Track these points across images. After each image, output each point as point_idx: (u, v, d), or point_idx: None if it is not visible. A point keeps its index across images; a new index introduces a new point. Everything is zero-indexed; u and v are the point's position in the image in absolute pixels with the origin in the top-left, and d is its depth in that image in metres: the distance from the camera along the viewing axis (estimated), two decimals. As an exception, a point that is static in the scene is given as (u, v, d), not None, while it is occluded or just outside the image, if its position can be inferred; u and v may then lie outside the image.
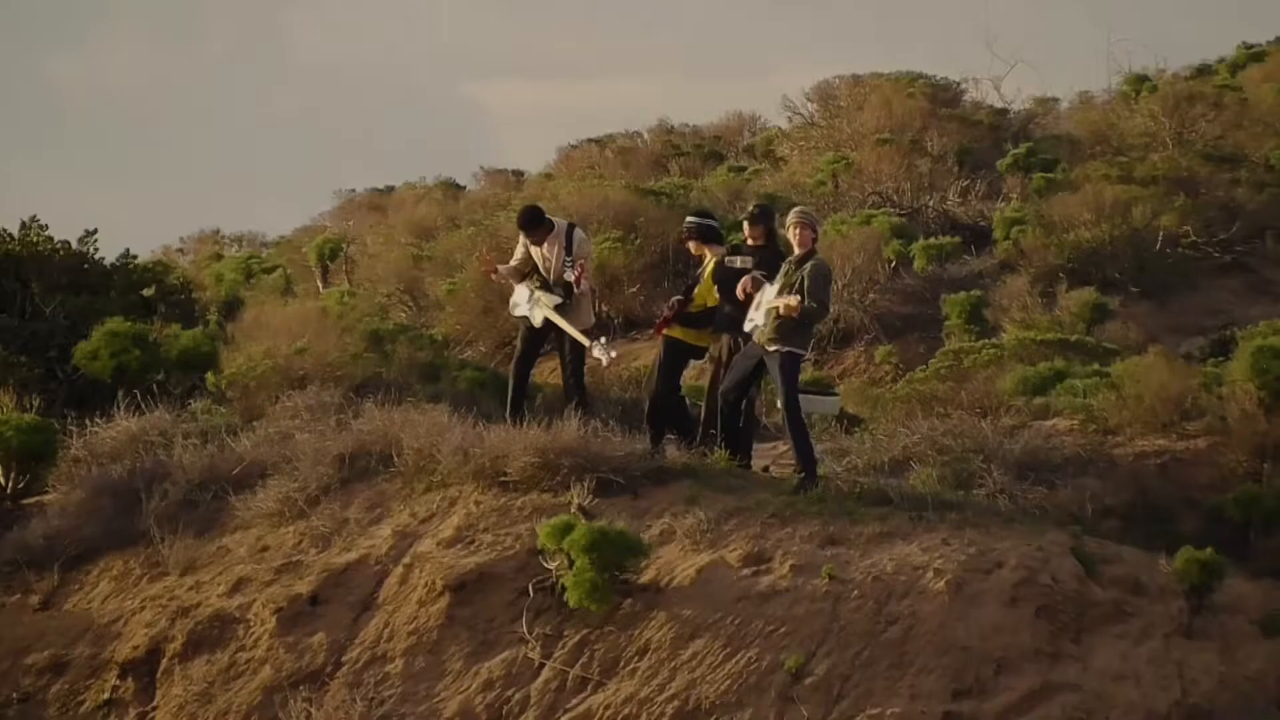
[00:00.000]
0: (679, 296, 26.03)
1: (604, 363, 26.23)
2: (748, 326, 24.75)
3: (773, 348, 24.41)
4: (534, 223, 26.83)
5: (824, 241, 34.32)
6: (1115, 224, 38.48)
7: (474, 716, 22.08)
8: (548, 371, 30.33)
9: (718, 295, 25.63)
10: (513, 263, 26.69)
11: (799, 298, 24.10)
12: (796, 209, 25.31)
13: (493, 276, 27.36)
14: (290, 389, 27.02)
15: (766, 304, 24.39)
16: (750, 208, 27.18)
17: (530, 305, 26.50)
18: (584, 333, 26.42)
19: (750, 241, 25.83)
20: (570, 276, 26.22)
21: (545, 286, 26.37)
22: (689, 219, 26.80)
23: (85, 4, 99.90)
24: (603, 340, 26.11)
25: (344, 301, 36.08)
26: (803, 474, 24.34)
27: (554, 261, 26.35)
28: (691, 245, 26.53)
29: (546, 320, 26.32)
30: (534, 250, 26.59)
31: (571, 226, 26.86)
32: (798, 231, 24.58)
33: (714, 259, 25.89)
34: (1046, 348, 31.43)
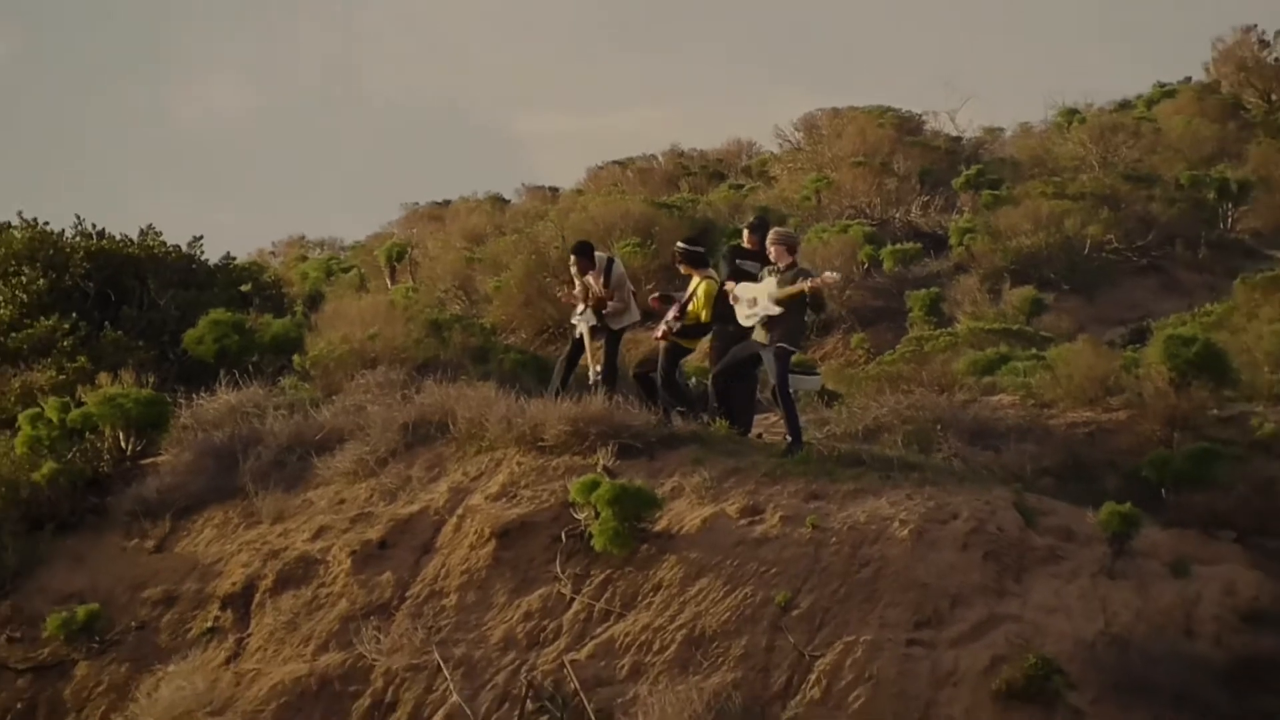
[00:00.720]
0: (675, 315, 26.07)
1: (590, 378, 26.60)
2: (747, 321, 24.82)
3: (768, 343, 24.56)
4: (581, 253, 27.12)
5: (808, 247, 34.37)
6: (1050, 233, 38.56)
7: (516, 643, 22.17)
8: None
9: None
10: (577, 289, 26.97)
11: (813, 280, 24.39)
12: (775, 230, 25.42)
13: (569, 299, 27.56)
14: (363, 369, 27.17)
15: (769, 294, 24.50)
16: (751, 219, 27.28)
17: (578, 319, 26.77)
18: (622, 330, 26.94)
19: (748, 245, 25.90)
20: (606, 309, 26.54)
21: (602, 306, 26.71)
22: (679, 245, 26.82)
23: (199, 52, 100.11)
24: (598, 367, 26.67)
25: (408, 296, 36.12)
26: (791, 440, 24.43)
27: (596, 290, 26.56)
28: (681, 267, 26.58)
29: (596, 326, 26.64)
30: (580, 278, 26.80)
31: (610, 261, 27.05)
32: (774, 249, 24.71)
33: (701, 280, 25.91)
34: (993, 335, 31.52)
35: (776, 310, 24.49)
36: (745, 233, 26.51)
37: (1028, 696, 21.05)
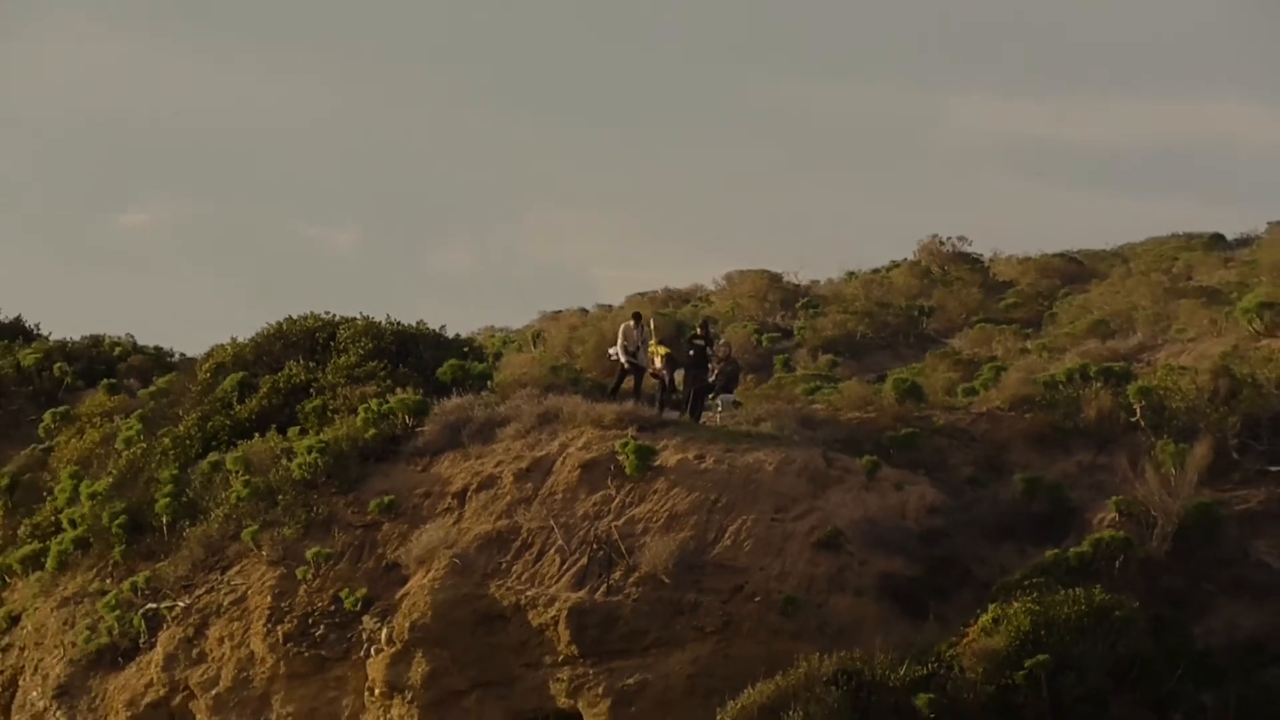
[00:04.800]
0: (652, 366, 26.10)
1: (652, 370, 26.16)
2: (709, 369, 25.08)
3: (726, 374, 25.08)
4: (638, 318, 27.19)
5: (729, 335, 34.17)
6: (840, 329, 38.16)
7: (589, 516, 22.06)
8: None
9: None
10: (621, 343, 26.59)
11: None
12: (723, 341, 26.05)
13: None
14: (520, 388, 26.78)
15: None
16: (700, 321, 27.27)
17: (623, 354, 26.35)
18: (643, 369, 26.36)
19: (699, 334, 25.87)
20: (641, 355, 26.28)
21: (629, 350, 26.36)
22: (700, 324, 27.00)
23: (449, 232, 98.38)
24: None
25: (541, 355, 35.95)
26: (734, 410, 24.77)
27: (638, 337, 26.21)
28: (656, 343, 26.41)
29: (630, 361, 26.30)
30: (630, 331, 26.40)
31: (643, 329, 26.82)
32: (718, 346, 25.23)
33: (658, 345, 26.14)
34: (813, 377, 31.30)
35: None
36: (699, 328, 26.51)
37: (826, 545, 21.01)
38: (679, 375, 26.10)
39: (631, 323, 26.96)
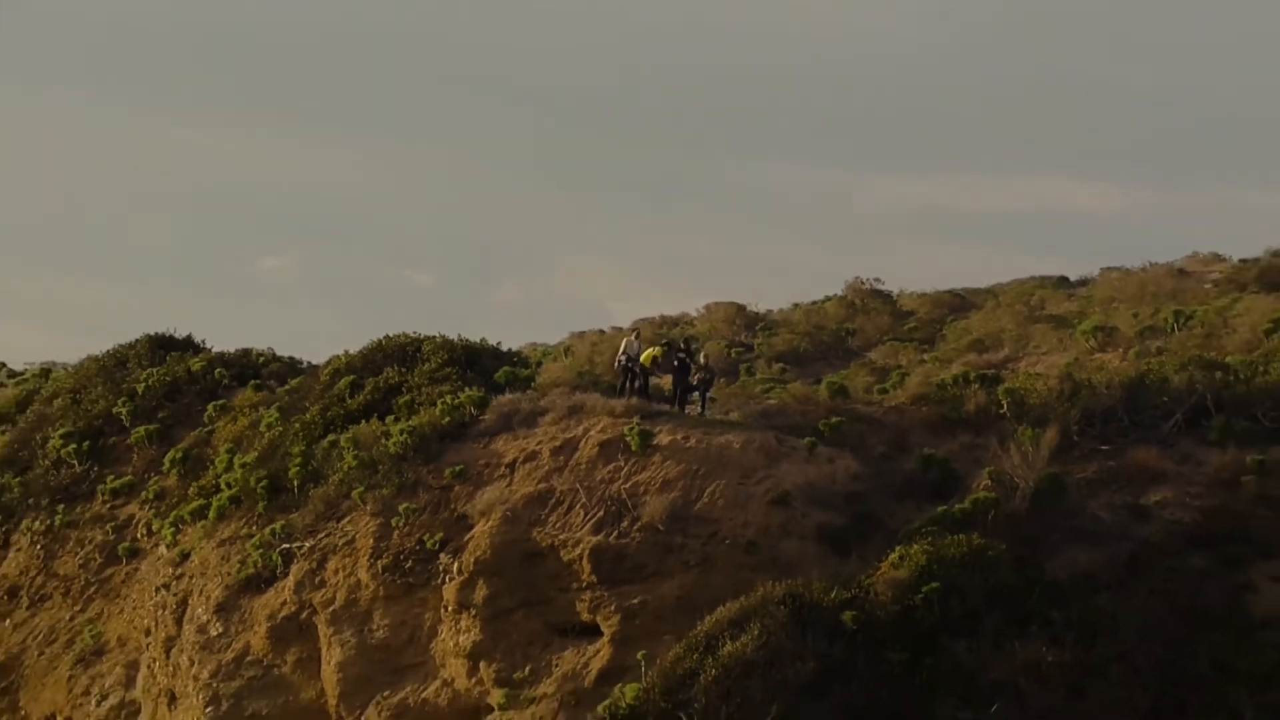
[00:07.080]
0: (639, 365, 24.89)
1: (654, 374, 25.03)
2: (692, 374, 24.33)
3: (700, 380, 24.33)
4: (638, 335, 26.40)
5: (707, 349, 33.96)
6: (790, 343, 37.93)
7: (605, 480, 21.87)
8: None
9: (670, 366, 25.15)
10: (623, 352, 25.63)
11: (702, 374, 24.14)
12: (704, 352, 25.26)
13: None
14: (555, 388, 26.46)
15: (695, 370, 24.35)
16: (683, 339, 27.06)
17: (625, 360, 25.38)
18: (643, 370, 25.24)
19: (684, 349, 25.66)
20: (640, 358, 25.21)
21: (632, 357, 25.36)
22: (664, 343, 26.05)
23: (501, 274, 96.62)
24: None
25: (570, 364, 35.79)
26: (703, 410, 24.22)
27: (637, 348, 25.39)
28: (648, 348, 25.29)
29: (630, 364, 25.19)
30: (629, 342, 25.63)
31: (638, 344, 26.37)
32: (700, 357, 24.60)
33: (650, 350, 25.00)
34: (769, 379, 31.15)
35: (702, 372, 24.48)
36: (682, 344, 26.23)
37: (778, 502, 20.88)
38: (667, 379, 25.91)
39: (632, 337, 26.76)
